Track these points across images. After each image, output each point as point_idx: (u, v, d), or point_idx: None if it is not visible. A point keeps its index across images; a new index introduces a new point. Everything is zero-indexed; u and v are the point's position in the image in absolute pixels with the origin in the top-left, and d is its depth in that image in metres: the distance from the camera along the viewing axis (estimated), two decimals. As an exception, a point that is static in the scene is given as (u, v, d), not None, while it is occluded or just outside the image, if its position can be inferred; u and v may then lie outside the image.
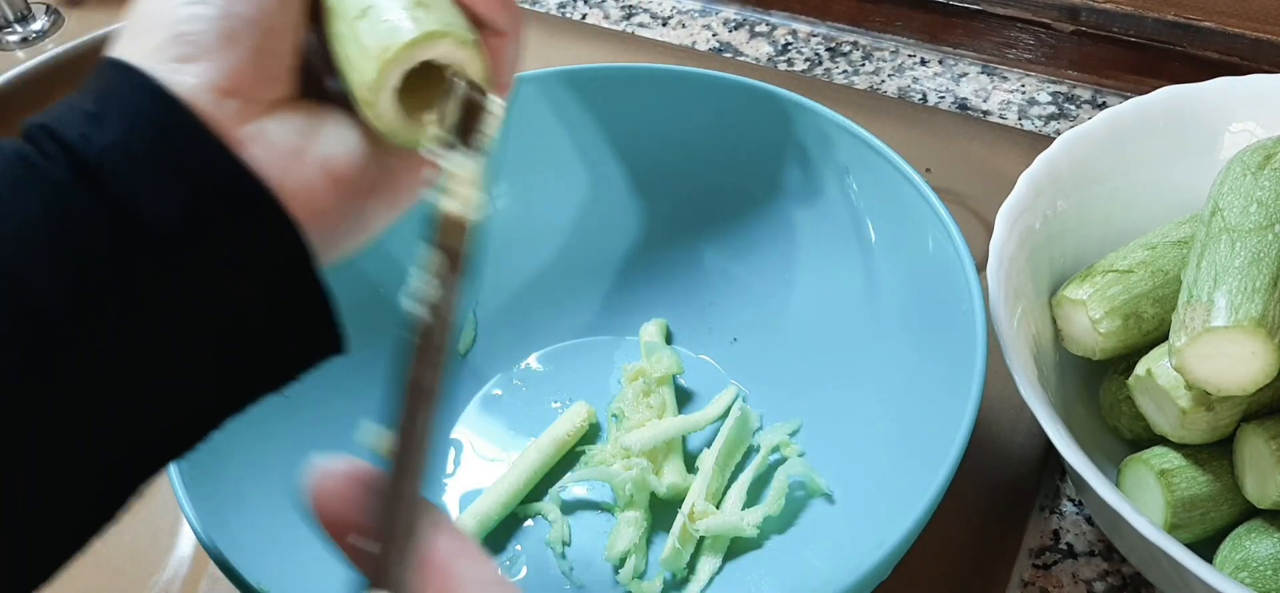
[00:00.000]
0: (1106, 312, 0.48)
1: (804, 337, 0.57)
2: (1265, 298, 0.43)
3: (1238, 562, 0.45)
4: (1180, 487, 0.46)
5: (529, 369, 0.59)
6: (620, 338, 0.60)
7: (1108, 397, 0.51)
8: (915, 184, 0.51)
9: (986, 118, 0.72)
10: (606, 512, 0.53)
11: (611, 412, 0.56)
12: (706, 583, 0.50)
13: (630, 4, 0.86)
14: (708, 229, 0.60)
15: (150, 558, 0.53)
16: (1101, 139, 0.54)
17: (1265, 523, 0.45)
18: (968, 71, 0.76)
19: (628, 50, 0.81)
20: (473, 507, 0.52)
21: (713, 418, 0.55)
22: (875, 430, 0.51)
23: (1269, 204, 0.46)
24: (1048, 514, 0.53)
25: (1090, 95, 0.73)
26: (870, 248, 0.55)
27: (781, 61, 0.79)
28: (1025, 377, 0.45)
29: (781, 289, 0.58)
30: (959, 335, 0.46)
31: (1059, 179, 0.53)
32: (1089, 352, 0.50)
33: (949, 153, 0.69)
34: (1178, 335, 0.44)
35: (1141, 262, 0.50)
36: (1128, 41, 0.72)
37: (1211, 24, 0.69)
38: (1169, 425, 0.46)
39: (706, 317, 0.60)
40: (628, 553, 0.50)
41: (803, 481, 0.52)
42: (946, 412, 0.44)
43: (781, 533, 0.51)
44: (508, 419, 0.57)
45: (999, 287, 0.48)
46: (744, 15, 0.83)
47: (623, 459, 0.52)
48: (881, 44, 0.79)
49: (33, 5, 0.88)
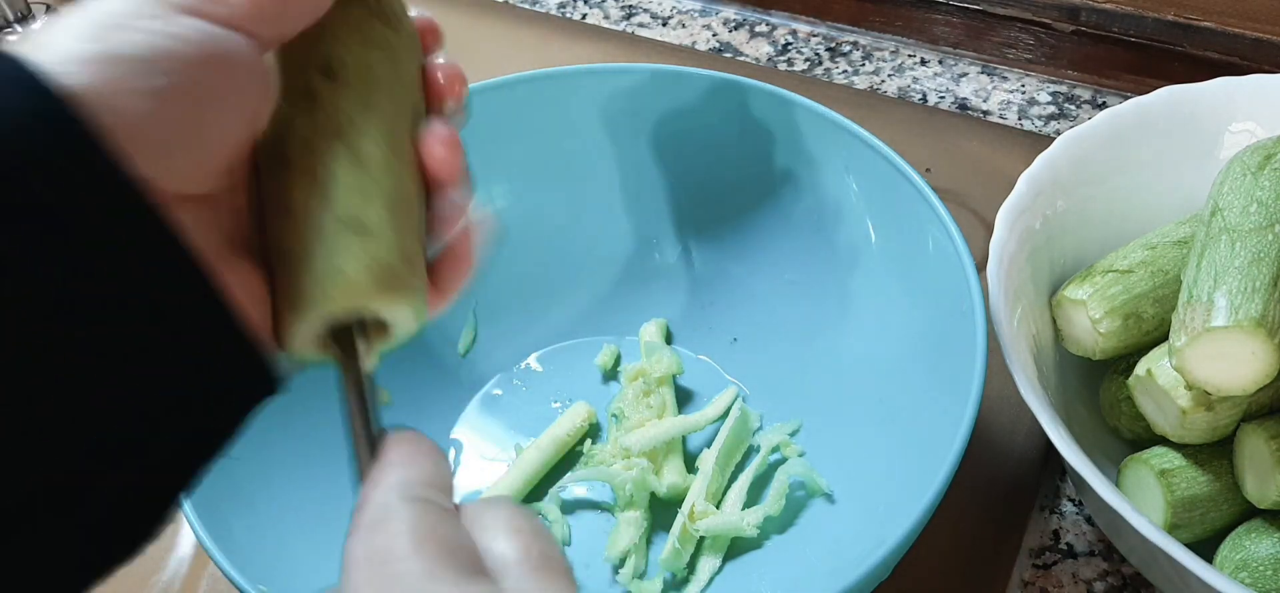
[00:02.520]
0: (1106, 312, 0.48)
1: (804, 337, 0.57)
2: (1265, 298, 0.43)
3: (1238, 562, 0.44)
4: (1180, 487, 0.46)
5: (529, 369, 0.59)
6: (620, 338, 0.60)
7: (1108, 397, 0.51)
8: (915, 184, 0.51)
9: (986, 118, 0.72)
10: (606, 512, 0.53)
11: (611, 412, 0.56)
12: (706, 583, 0.50)
13: (630, 4, 0.86)
14: (708, 229, 0.60)
15: (150, 558, 0.53)
16: (1101, 139, 0.54)
17: (1265, 523, 0.45)
18: (968, 71, 0.76)
19: (628, 50, 0.81)
20: (473, 507, 0.52)
21: (713, 418, 0.55)
22: (875, 430, 0.51)
23: (1269, 204, 0.46)
24: (1048, 514, 0.53)
25: (1090, 95, 0.73)
26: (870, 248, 0.55)
27: (781, 61, 0.79)
28: (1025, 377, 0.45)
29: (781, 289, 0.58)
30: (959, 335, 0.46)
31: (1059, 179, 0.53)
32: (1089, 352, 0.49)
33: (949, 153, 0.69)
34: (1178, 335, 0.44)
35: (1141, 262, 0.50)
36: (1128, 41, 0.72)
37: (1211, 24, 0.69)
38: (1169, 425, 0.46)
39: (706, 317, 0.60)
40: (628, 553, 0.50)
41: (803, 480, 0.52)
42: (946, 412, 0.44)
43: (781, 533, 0.51)
44: (508, 419, 0.57)
45: (999, 287, 0.48)
46: (744, 15, 0.83)
47: (623, 459, 0.52)
48: (881, 44, 0.79)
49: (33, 5, 0.88)
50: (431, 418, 0.57)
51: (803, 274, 0.57)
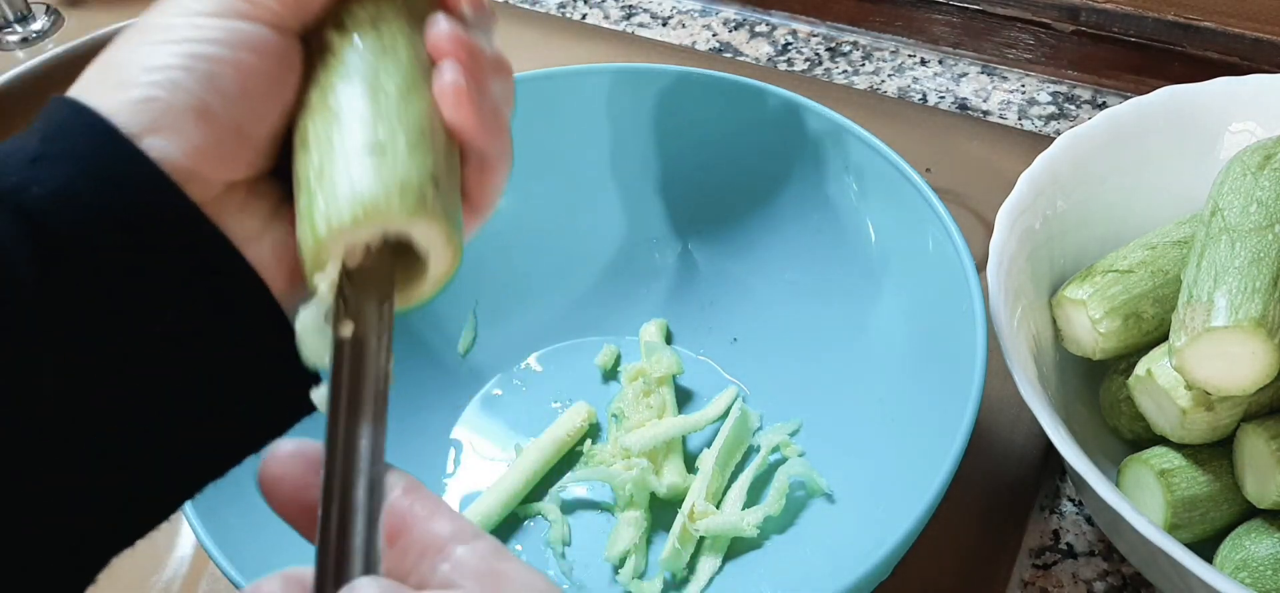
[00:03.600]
0: (1106, 312, 0.48)
1: (804, 337, 0.57)
2: (1265, 298, 0.43)
3: (1238, 562, 0.44)
4: (1180, 487, 0.46)
5: (529, 369, 0.59)
6: (620, 338, 0.60)
7: (1108, 397, 0.51)
8: (915, 184, 0.51)
9: (986, 118, 0.72)
10: (606, 512, 0.53)
11: (611, 412, 0.56)
12: (706, 583, 0.50)
13: (630, 4, 0.86)
14: (708, 229, 0.60)
15: (150, 558, 0.53)
16: (1101, 139, 0.54)
17: (1265, 523, 0.45)
18: (968, 71, 0.76)
19: (628, 50, 0.81)
20: (473, 507, 0.52)
21: (713, 418, 0.55)
22: (875, 430, 0.51)
23: (1269, 204, 0.46)
24: (1048, 514, 0.53)
25: (1090, 95, 0.73)
26: (870, 248, 0.55)
27: (781, 61, 0.79)
28: (1025, 377, 0.45)
29: (781, 289, 0.58)
30: (959, 335, 0.46)
31: (1059, 179, 0.53)
32: (1089, 352, 0.49)
33: (949, 153, 0.69)
34: (1178, 335, 0.44)
35: (1141, 262, 0.50)
36: (1128, 41, 0.72)
37: (1211, 24, 0.69)
38: (1169, 426, 0.46)
39: (706, 317, 0.60)
40: (628, 553, 0.50)
41: (803, 480, 0.52)
42: (946, 412, 0.44)
43: (781, 533, 0.51)
44: (508, 419, 0.57)
45: (999, 287, 0.48)
46: (744, 15, 0.83)
47: (623, 459, 0.52)
48: (881, 44, 0.79)
49: (33, 5, 0.88)
50: (431, 418, 0.57)
51: (803, 274, 0.57)
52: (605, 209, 0.61)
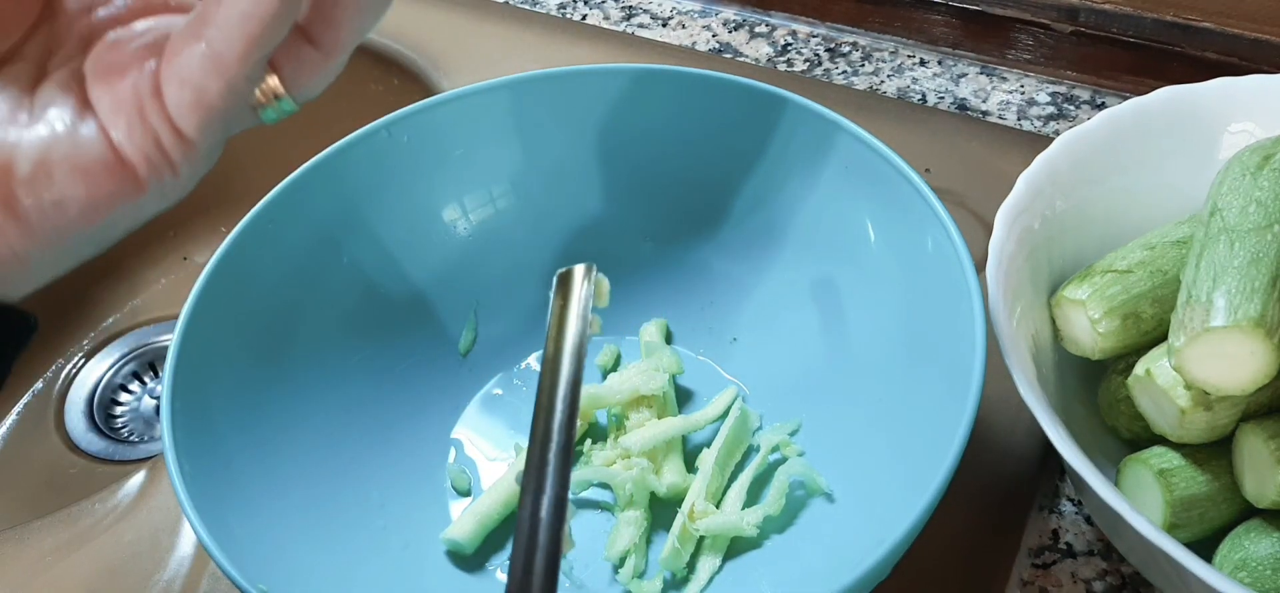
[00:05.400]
0: (1105, 312, 0.48)
1: (804, 337, 0.57)
2: (1264, 298, 0.43)
3: (1237, 562, 0.45)
4: (1179, 486, 0.46)
5: (529, 369, 0.59)
6: (620, 338, 0.60)
7: (1107, 397, 0.51)
8: (915, 184, 0.51)
9: (986, 118, 0.73)
10: (606, 512, 0.53)
11: (612, 412, 0.56)
12: (706, 583, 0.50)
13: (630, 4, 0.86)
14: (708, 229, 0.60)
15: (150, 558, 0.53)
16: (1100, 139, 0.54)
17: (1264, 523, 0.45)
18: (967, 72, 0.76)
19: (628, 50, 0.81)
20: (473, 507, 0.52)
21: (713, 418, 0.55)
22: (875, 430, 0.51)
23: (1268, 204, 0.46)
24: (1047, 514, 0.53)
25: (1089, 96, 0.73)
26: (870, 248, 0.55)
27: (781, 62, 0.79)
28: (1024, 377, 0.45)
29: (781, 289, 0.58)
30: (958, 335, 0.46)
31: (1058, 179, 0.53)
32: (1088, 352, 0.50)
33: (949, 153, 0.69)
34: (1177, 335, 0.44)
35: (1141, 262, 0.50)
36: (1127, 42, 0.72)
37: (1211, 24, 0.69)
38: (1168, 425, 0.46)
39: (706, 317, 0.60)
40: (628, 553, 0.51)
41: (803, 480, 0.52)
42: (946, 412, 0.44)
43: (781, 533, 0.51)
44: (508, 419, 0.57)
45: (998, 287, 0.48)
46: (744, 15, 0.83)
47: (623, 459, 0.52)
48: (881, 44, 0.79)
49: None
50: (431, 418, 0.57)
51: (802, 274, 0.57)
52: (605, 209, 0.61)
